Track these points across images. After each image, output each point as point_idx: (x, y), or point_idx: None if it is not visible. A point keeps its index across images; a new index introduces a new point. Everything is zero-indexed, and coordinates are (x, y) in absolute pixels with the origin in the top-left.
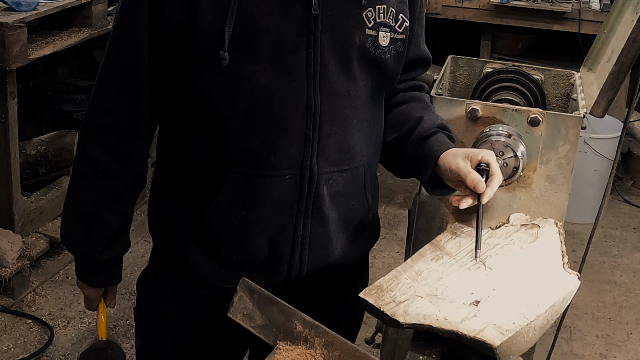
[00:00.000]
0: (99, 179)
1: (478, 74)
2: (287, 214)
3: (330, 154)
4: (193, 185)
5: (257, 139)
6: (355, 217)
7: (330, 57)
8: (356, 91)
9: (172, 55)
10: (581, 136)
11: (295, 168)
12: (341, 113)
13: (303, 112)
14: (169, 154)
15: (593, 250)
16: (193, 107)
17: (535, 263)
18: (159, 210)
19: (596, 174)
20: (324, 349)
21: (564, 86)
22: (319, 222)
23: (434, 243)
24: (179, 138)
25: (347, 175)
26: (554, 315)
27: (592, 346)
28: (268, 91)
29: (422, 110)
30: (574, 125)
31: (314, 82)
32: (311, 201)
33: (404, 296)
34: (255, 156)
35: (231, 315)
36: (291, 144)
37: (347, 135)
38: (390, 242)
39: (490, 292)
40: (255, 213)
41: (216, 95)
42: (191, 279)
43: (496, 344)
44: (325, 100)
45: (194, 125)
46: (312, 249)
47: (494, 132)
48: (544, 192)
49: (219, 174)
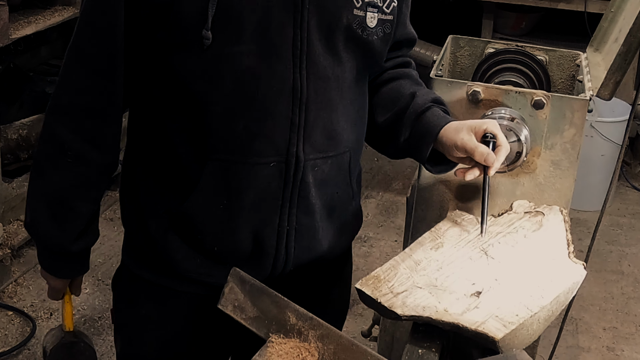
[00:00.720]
0: (69, 164)
1: (480, 54)
2: (272, 204)
3: (317, 140)
4: (172, 174)
5: (240, 125)
6: (340, 205)
7: (317, 37)
8: (342, 73)
9: (149, 32)
10: (587, 120)
11: (281, 155)
12: (327, 97)
13: (289, 96)
14: (143, 140)
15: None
16: (172, 90)
17: (540, 252)
18: (134, 201)
19: (603, 159)
20: (319, 342)
21: (569, 67)
22: (305, 212)
23: (433, 231)
24: (155, 123)
25: (332, 161)
26: (559, 306)
27: (599, 339)
28: (253, 74)
29: (413, 86)
30: (579, 108)
31: (301, 64)
32: (297, 190)
33: (402, 287)
34: (238, 143)
35: (221, 307)
36: (276, 129)
37: (334, 119)
38: (388, 230)
39: (493, 282)
40: (238, 203)
41: (197, 78)
42: (171, 275)
43: (498, 337)
44: (312, 83)
45: (173, 110)
46: (298, 240)
47: (496, 116)
48: (548, 178)
49: (199, 161)
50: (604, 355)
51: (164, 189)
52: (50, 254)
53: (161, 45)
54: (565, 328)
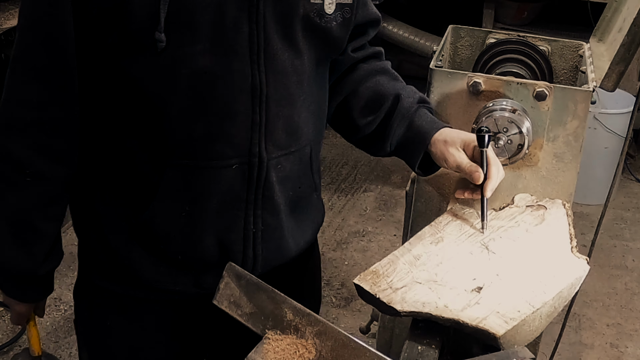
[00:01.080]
0: (29, 183)
1: (480, 45)
2: (236, 207)
3: (279, 137)
4: (130, 182)
5: (199, 128)
6: (303, 200)
7: (274, 31)
8: (301, 66)
9: (100, 37)
10: (590, 111)
11: (243, 156)
12: (287, 92)
13: (248, 94)
14: (97, 148)
15: (603, 233)
16: (126, 95)
17: (542, 247)
18: (90, 211)
19: (606, 151)
20: (316, 338)
21: (572, 58)
22: (270, 212)
23: (433, 225)
24: (109, 129)
25: (293, 157)
26: (562, 302)
27: (602, 335)
28: (210, 74)
29: (394, 84)
30: (582, 100)
31: (259, 60)
32: (261, 190)
33: (402, 282)
34: (197, 146)
35: (217, 302)
36: (237, 130)
37: (294, 114)
38: (387, 224)
39: (494, 277)
40: (200, 209)
41: (152, 81)
42: (134, 285)
43: (500, 333)
44: (271, 79)
45: (127, 115)
46: (265, 241)
47: (497, 107)
48: (550, 171)
49: (158, 168)
50: (607, 352)
51: (122, 198)
52: (16, 279)
53: (113, 50)
54: (567, 324)
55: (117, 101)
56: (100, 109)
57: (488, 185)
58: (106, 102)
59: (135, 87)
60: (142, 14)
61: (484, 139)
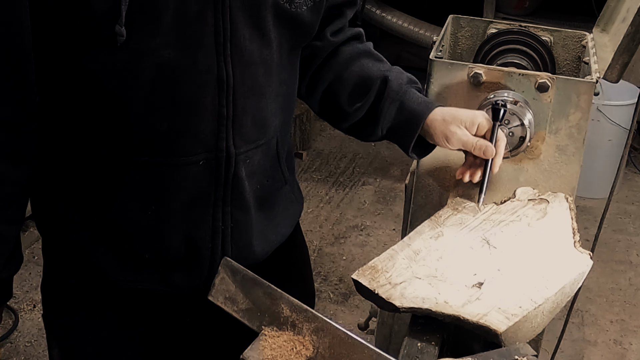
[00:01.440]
0: None
1: (481, 35)
2: (204, 204)
3: (247, 131)
4: (92, 181)
5: (164, 123)
6: (272, 192)
7: (241, 20)
8: (270, 55)
9: (58, 31)
10: (594, 103)
11: (210, 151)
12: (256, 83)
13: (214, 87)
14: (56, 146)
15: (607, 227)
16: (86, 92)
17: (544, 241)
18: (54, 211)
19: (610, 144)
20: (314, 335)
21: (575, 48)
22: (240, 209)
23: (433, 219)
24: (69, 127)
25: (261, 150)
26: (564, 298)
27: (606, 332)
28: (173, 67)
29: (379, 66)
30: (586, 91)
31: (225, 51)
32: (229, 186)
33: (401, 277)
34: (162, 142)
35: (212, 298)
36: (204, 124)
37: (262, 106)
38: (386, 218)
39: (495, 273)
40: (166, 207)
41: (113, 77)
42: (99, 283)
43: (501, 330)
44: (238, 71)
45: (89, 112)
46: (234, 238)
47: (498, 99)
48: (553, 164)
49: (121, 166)
50: (611, 348)
51: (85, 198)
52: None
53: (71, 44)
54: (570, 321)
55: (77, 98)
56: (60, 106)
57: (496, 160)
58: (65, 98)
59: (96, 83)
60: (102, 6)
61: (499, 112)
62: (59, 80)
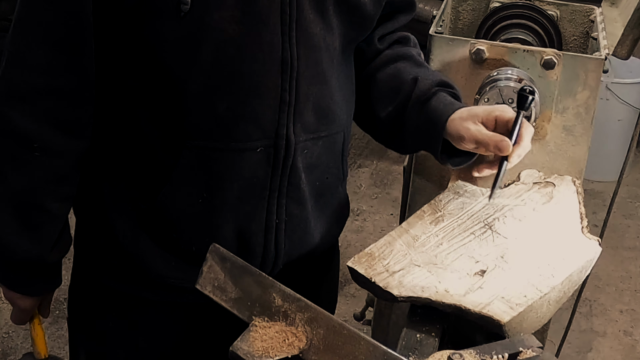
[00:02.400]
0: (37, 158)
1: (484, 9)
2: (259, 195)
3: (308, 119)
4: (142, 163)
5: (222, 105)
6: (329, 191)
7: (306, 2)
8: (333, 42)
9: None
10: (602, 81)
11: (269, 138)
12: (320, 69)
13: (278, 69)
14: (106, 125)
15: (616, 212)
16: (142, 67)
17: (550, 227)
18: (97, 194)
19: (620, 124)
20: (307, 325)
21: (582, 23)
22: (296, 201)
23: (433, 204)
24: (122, 104)
25: (323, 143)
26: (572, 287)
27: (615, 322)
28: (237, 44)
29: (415, 69)
30: (594, 69)
31: (290, 32)
32: (286, 177)
33: (399, 265)
34: (219, 126)
35: (200, 287)
36: (264, 108)
37: (326, 95)
38: (383, 202)
39: (498, 260)
40: (220, 196)
41: (172, 51)
42: (140, 282)
43: (505, 320)
44: (303, 54)
45: (143, 89)
46: (288, 233)
47: (502, 77)
48: (560, 145)
49: (173, 149)
50: (620, 340)
51: (133, 181)
52: (21, 269)
53: (131, 13)
54: (578, 310)
55: (134, 73)
56: (115, 81)
57: (516, 150)
58: (122, 73)
59: (154, 59)
60: None
61: (526, 100)
62: (116, 53)
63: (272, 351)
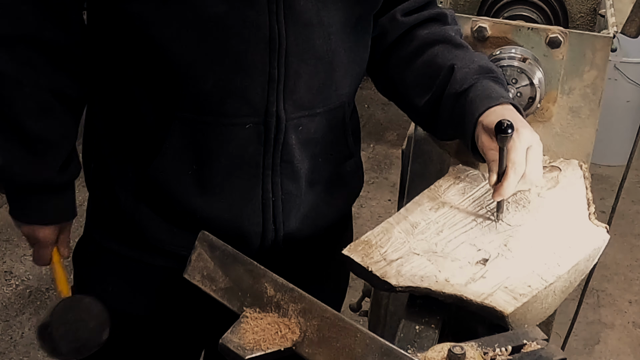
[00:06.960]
0: (22, 55)
1: None
2: (251, 172)
3: (301, 96)
4: (135, 135)
5: (209, 81)
6: (333, 166)
7: None
8: (329, 18)
9: None
10: (610, 60)
11: (258, 115)
12: (311, 45)
13: (265, 46)
14: (105, 95)
15: (625, 197)
16: (131, 42)
17: (556, 214)
18: (100, 163)
19: (629, 105)
20: (300, 317)
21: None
22: (291, 178)
23: (432, 189)
24: (114, 72)
25: (320, 119)
26: (578, 276)
27: (624, 313)
28: (223, 21)
29: (452, 53)
30: (602, 47)
31: (277, 9)
32: (279, 154)
33: (397, 253)
34: (208, 100)
35: (188, 276)
36: (252, 85)
37: (320, 71)
38: (381, 187)
39: (501, 248)
40: (209, 169)
41: (159, 28)
42: (142, 246)
43: (508, 311)
44: (292, 31)
45: (134, 61)
46: (286, 211)
47: (505, 56)
48: (565, 127)
49: (164, 120)
50: (629, 332)
51: (130, 151)
52: (29, 195)
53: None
54: (585, 301)
55: (124, 45)
56: (107, 51)
57: (498, 188)
58: (112, 44)
59: (141, 36)
60: None
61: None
62: (106, 25)
63: (263, 344)
